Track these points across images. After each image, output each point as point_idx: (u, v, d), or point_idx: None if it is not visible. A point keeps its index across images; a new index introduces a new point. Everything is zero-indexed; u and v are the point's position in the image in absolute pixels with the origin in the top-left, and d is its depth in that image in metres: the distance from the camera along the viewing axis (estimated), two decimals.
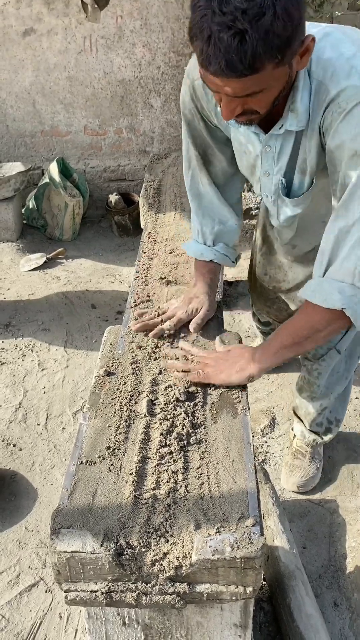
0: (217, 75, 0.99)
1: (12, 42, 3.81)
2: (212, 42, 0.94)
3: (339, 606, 1.57)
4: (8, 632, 1.53)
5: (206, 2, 0.93)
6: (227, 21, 0.91)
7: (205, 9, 0.93)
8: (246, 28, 0.91)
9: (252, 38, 0.91)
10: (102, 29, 3.78)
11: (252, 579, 0.93)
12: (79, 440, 1.13)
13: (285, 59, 0.99)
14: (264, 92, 1.03)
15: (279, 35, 0.93)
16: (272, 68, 0.98)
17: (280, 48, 0.95)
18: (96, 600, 0.95)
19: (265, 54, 0.94)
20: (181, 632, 1.11)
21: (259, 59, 0.94)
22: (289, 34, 0.95)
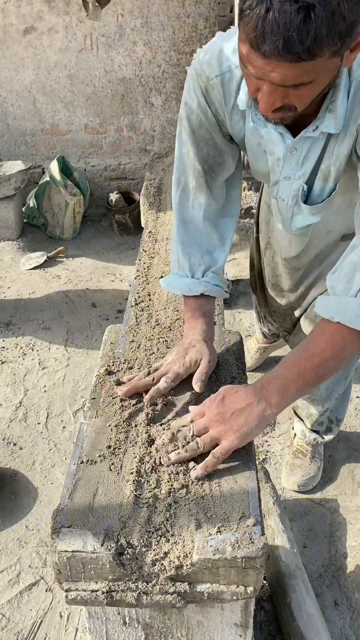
0: (269, 57, 0.86)
1: (12, 40, 3.80)
2: (270, 15, 0.81)
3: (339, 605, 1.56)
4: (8, 631, 1.53)
5: None
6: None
7: None
8: (314, 3, 0.80)
9: (319, 16, 0.81)
10: (103, 27, 3.78)
11: (253, 579, 0.92)
12: (80, 439, 1.12)
13: (343, 48, 0.89)
14: (312, 84, 0.93)
15: (344, 18, 0.83)
16: (329, 56, 0.88)
17: (341, 34, 0.85)
18: (97, 600, 0.95)
19: (327, 38, 0.83)
20: (182, 632, 1.10)
21: (319, 43, 0.83)
22: (353, 19, 0.85)
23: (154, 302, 1.56)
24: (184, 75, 1.24)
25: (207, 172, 1.26)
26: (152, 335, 1.41)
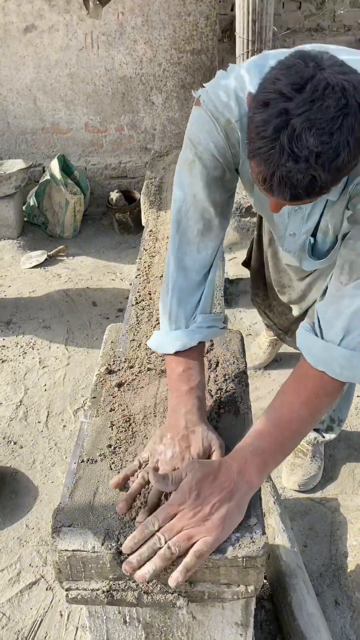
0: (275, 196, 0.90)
1: (13, 38, 3.80)
2: (278, 178, 0.85)
3: (339, 605, 1.56)
4: (9, 629, 1.53)
5: (274, 131, 0.82)
6: (299, 163, 0.82)
7: (274, 142, 0.83)
8: (319, 174, 0.84)
9: (325, 180, 0.85)
10: (104, 26, 3.77)
11: (254, 578, 0.92)
12: (80, 438, 1.12)
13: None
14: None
15: (348, 167, 0.87)
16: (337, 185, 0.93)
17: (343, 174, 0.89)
18: (97, 599, 0.95)
19: (333, 184, 0.88)
20: (182, 631, 1.10)
21: (325, 190, 0.88)
22: (354, 165, 0.89)
23: (155, 301, 1.56)
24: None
25: (217, 215, 1.18)
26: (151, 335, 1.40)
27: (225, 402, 1.21)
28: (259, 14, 3.03)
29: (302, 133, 0.81)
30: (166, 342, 1.18)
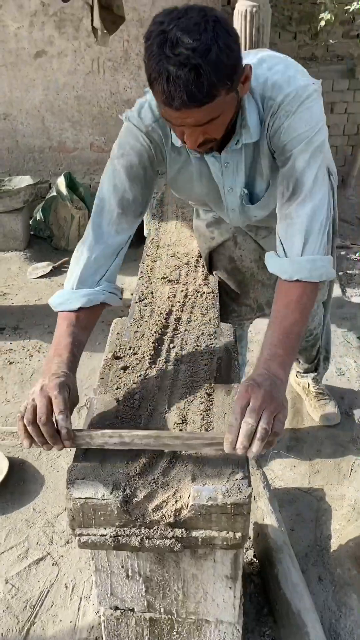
0: (181, 108, 1.12)
1: (24, 63, 4.03)
2: (171, 81, 1.07)
3: (323, 581, 1.70)
4: (18, 599, 1.66)
5: (158, 48, 1.08)
6: (181, 60, 1.06)
7: (159, 55, 1.08)
8: (199, 63, 1.06)
9: (206, 70, 1.07)
10: (110, 52, 4.01)
11: (241, 525, 1.07)
12: (90, 411, 1.28)
13: (234, 85, 1.17)
14: (221, 117, 1.20)
15: (226, 64, 1.10)
16: (225, 94, 1.15)
17: (229, 75, 1.12)
18: (105, 544, 1.09)
19: (218, 82, 1.10)
20: (178, 585, 1.24)
21: (214, 87, 1.10)
22: (233, 63, 1.13)
23: (156, 299, 1.72)
24: None
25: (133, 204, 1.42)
26: (154, 327, 1.57)
27: (220, 385, 1.36)
28: (256, 44, 3.25)
29: (177, 39, 1.06)
30: (72, 299, 1.35)
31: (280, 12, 4.22)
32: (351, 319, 3.06)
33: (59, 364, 1.24)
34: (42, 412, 1.10)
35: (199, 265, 1.93)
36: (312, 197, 1.31)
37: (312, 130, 1.31)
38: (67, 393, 1.16)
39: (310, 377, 2.40)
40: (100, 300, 1.38)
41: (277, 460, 2.16)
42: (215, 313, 1.63)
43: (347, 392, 2.51)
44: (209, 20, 1.09)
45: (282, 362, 1.20)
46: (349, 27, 4.43)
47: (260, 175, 1.48)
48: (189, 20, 1.08)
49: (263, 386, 1.11)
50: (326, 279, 1.34)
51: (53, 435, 1.10)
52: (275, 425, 1.07)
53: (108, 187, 1.42)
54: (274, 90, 1.31)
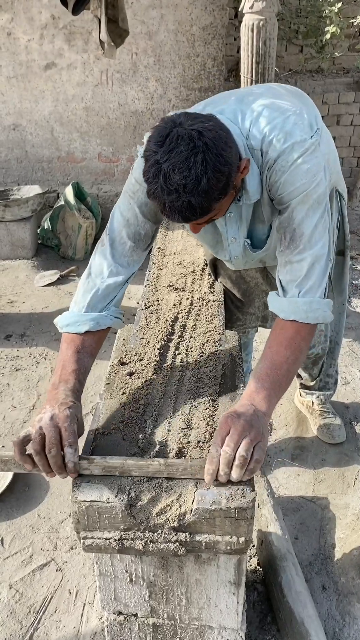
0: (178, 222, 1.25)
1: (34, 74, 4.09)
2: (167, 208, 1.19)
3: (327, 589, 1.69)
4: (22, 604, 1.66)
5: (154, 178, 1.17)
6: (174, 197, 1.16)
7: (156, 184, 1.17)
8: (190, 199, 1.16)
9: (197, 201, 1.17)
10: (118, 64, 4.06)
11: (245, 530, 1.07)
12: (97, 415, 1.29)
13: (227, 193, 1.24)
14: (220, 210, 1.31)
15: (216, 189, 1.18)
16: (220, 201, 1.23)
17: (220, 194, 1.20)
18: (109, 547, 1.10)
19: (210, 204, 1.20)
20: (182, 590, 1.25)
21: (206, 209, 1.20)
22: (223, 183, 1.19)
23: (162, 307, 1.74)
24: None
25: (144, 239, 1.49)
26: (160, 334, 1.58)
27: (224, 392, 1.37)
28: (263, 57, 3.29)
29: (169, 174, 1.15)
30: (80, 322, 1.39)
31: (287, 26, 4.27)
32: (356, 329, 3.07)
33: (66, 393, 1.24)
34: (53, 443, 1.11)
35: (205, 274, 1.95)
36: (311, 246, 1.34)
37: (310, 183, 1.33)
38: (75, 425, 1.17)
39: (315, 395, 2.36)
40: (107, 325, 1.43)
41: (281, 468, 2.16)
42: (220, 320, 1.65)
43: (352, 401, 2.51)
44: (199, 151, 1.15)
45: (266, 396, 1.21)
46: (355, 40, 4.48)
47: (260, 222, 1.54)
48: (179, 155, 1.14)
49: (243, 417, 1.13)
50: (322, 321, 1.36)
51: (60, 466, 1.11)
52: (255, 452, 1.08)
53: (121, 221, 1.47)
54: (270, 146, 1.35)
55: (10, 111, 4.21)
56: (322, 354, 2.18)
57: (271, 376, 1.24)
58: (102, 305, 1.43)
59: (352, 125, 4.48)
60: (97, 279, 1.44)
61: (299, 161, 1.33)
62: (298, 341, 1.32)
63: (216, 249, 1.70)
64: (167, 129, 1.18)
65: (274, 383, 1.24)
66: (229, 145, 1.21)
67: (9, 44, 4.00)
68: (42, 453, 1.11)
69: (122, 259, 1.46)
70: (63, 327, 1.42)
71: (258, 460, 1.09)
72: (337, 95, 4.29)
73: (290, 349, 1.30)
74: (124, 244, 1.46)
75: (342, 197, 1.83)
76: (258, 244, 1.61)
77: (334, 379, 2.33)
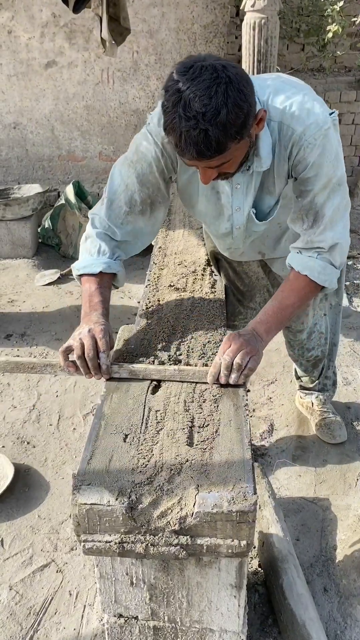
0: (190, 159, 1.25)
1: (34, 73, 4.08)
2: (183, 138, 1.19)
3: (328, 591, 1.68)
4: (22, 605, 1.66)
5: (173, 107, 1.18)
6: (192, 124, 1.16)
7: (174, 113, 1.18)
8: (207, 127, 1.16)
9: (214, 132, 1.17)
10: (119, 63, 4.05)
11: (246, 533, 1.06)
12: (97, 416, 1.28)
13: (244, 135, 1.25)
14: (234, 159, 1.32)
15: (234, 124, 1.19)
16: (235, 144, 1.24)
17: (238, 131, 1.21)
18: (110, 550, 1.09)
19: (227, 139, 1.20)
20: (182, 593, 1.24)
21: (222, 144, 1.20)
22: (242, 120, 1.20)
23: (163, 307, 1.73)
24: None
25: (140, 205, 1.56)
26: (161, 334, 1.57)
27: (226, 396, 1.36)
28: (264, 55, 3.28)
29: (189, 101, 1.16)
30: (95, 264, 1.54)
31: (289, 24, 4.25)
32: (357, 329, 3.06)
33: (98, 316, 1.46)
34: (90, 349, 1.37)
35: (206, 274, 1.94)
36: (333, 227, 1.46)
37: (333, 166, 1.39)
38: (109, 337, 1.41)
39: (314, 396, 2.36)
40: (116, 270, 1.57)
41: (282, 469, 2.15)
42: (222, 321, 1.64)
43: (353, 401, 2.50)
44: (221, 82, 1.16)
45: (268, 328, 1.45)
46: (357, 38, 4.46)
47: (269, 193, 1.56)
48: (202, 84, 1.16)
49: (242, 336, 1.39)
50: (328, 286, 1.52)
51: (97, 367, 1.37)
52: (250, 362, 1.34)
53: (120, 184, 1.55)
54: (293, 120, 1.37)
55: (10, 110, 4.20)
56: (322, 356, 2.17)
57: (277, 314, 1.47)
58: (110, 253, 1.57)
59: (353, 124, 4.47)
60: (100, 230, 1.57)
61: (325, 140, 1.37)
62: (306, 292, 1.51)
63: (218, 220, 1.68)
64: (191, 62, 1.20)
65: (278, 320, 1.47)
66: (250, 86, 1.23)
67: (9, 42, 3.99)
68: (82, 357, 1.37)
69: (116, 220, 1.57)
70: (80, 269, 1.56)
71: (251, 368, 1.35)
72: (339, 93, 4.27)
73: (298, 297, 1.50)
74: (120, 207, 1.56)
75: None
76: (262, 215, 1.63)
77: (332, 381, 2.33)
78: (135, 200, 1.55)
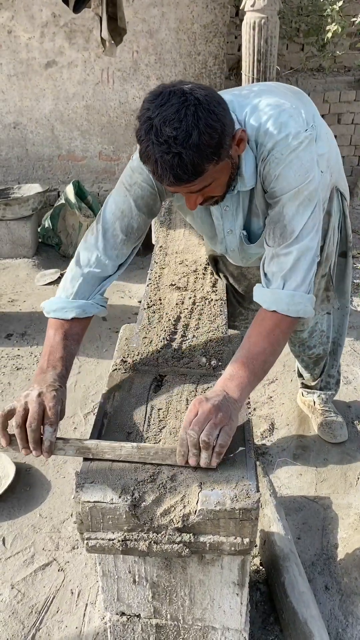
0: (170, 185, 1.23)
1: (34, 72, 4.08)
2: (159, 165, 1.17)
3: (329, 589, 1.69)
4: (24, 604, 1.66)
5: (146, 134, 1.17)
6: (164, 149, 1.15)
7: (147, 140, 1.17)
8: (180, 151, 1.14)
9: (188, 154, 1.15)
10: (119, 63, 4.05)
11: (249, 531, 1.07)
12: (100, 415, 1.28)
13: (222, 157, 1.23)
14: (215, 182, 1.29)
15: (208, 145, 1.16)
16: (213, 166, 1.22)
17: (213, 152, 1.18)
18: (113, 548, 1.09)
19: (202, 161, 1.18)
20: (185, 590, 1.24)
21: (198, 166, 1.18)
22: (216, 141, 1.18)
23: (164, 306, 1.73)
24: None
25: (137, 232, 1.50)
26: (162, 333, 1.57)
27: None
28: (264, 55, 3.28)
29: (160, 127, 1.14)
30: (67, 309, 1.41)
31: (288, 24, 4.25)
32: (358, 328, 3.07)
33: (54, 377, 1.28)
34: (34, 418, 1.15)
35: (207, 273, 1.94)
36: (299, 242, 1.34)
37: (303, 179, 1.34)
38: (59, 407, 1.21)
39: (316, 394, 2.35)
40: (92, 313, 1.46)
41: (283, 468, 2.15)
42: (223, 320, 1.64)
43: (354, 400, 2.51)
44: (190, 104, 1.15)
45: (240, 384, 1.23)
46: (356, 38, 4.46)
47: (256, 215, 1.53)
48: (170, 108, 1.15)
49: (210, 401, 1.15)
50: (303, 315, 1.36)
51: (37, 442, 1.17)
52: (220, 437, 1.11)
53: (115, 212, 1.48)
54: (266, 137, 1.35)
55: (10, 109, 4.20)
56: (324, 354, 2.17)
57: (247, 365, 1.25)
58: (89, 294, 1.46)
59: (353, 123, 4.47)
60: (85, 268, 1.46)
61: (292, 155, 1.33)
62: (277, 334, 1.32)
63: (214, 240, 1.69)
64: (160, 89, 1.21)
65: (249, 373, 1.25)
66: (222, 107, 1.21)
67: (9, 42, 3.99)
68: (23, 427, 1.16)
69: (112, 252, 1.48)
70: (50, 312, 1.44)
71: (222, 444, 1.11)
72: (338, 93, 4.27)
73: (268, 341, 1.30)
74: (116, 236, 1.48)
75: (344, 197, 1.82)
76: (254, 237, 1.60)
77: (336, 379, 2.33)
78: (132, 227, 1.49)
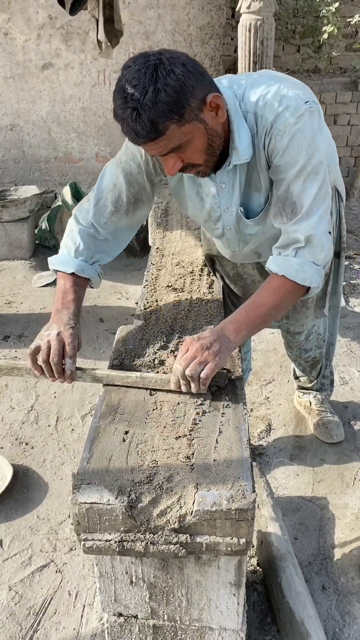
0: (136, 143, 1.29)
1: (31, 75, 4.08)
2: (121, 121, 1.24)
3: (326, 590, 1.69)
4: (21, 606, 1.66)
5: (116, 95, 1.24)
6: (122, 104, 1.22)
7: (115, 101, 1.24)
8: (136, 106, 1.20)
9: (144, 111, 1.20)
10: (116, 64, 4.06)
11: (245, 531, 1.07)
12: (96, 416, 1.29)
13: (186, 117, 1.25)
14: (188, 146, 1.31)
15: (165, 102, 1.20)
16: (177, 127, 1.24)
17: (171, 111, 1.22)
18: (110, 549, 1.10)
19: (161, 118, 1.21)
20: (182, 591, 1.24)
21: (158, 123, 1.22)
22: (174, 99, 1.21)
23: (161, 307, 1.74)
24: None
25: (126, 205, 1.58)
26: (159, 334, 1.58)
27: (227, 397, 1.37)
28: (260, 56, 3.29)
29: (124, 86, 1.21)
30: (70, 264, 1.56)
31: (284, 26, 4.27)
32: (354, 329, 3.07)
33: (69, 316, 1.47)
34: (56, 354, 1.36)
35: (204, 274, 1.95)
36: (309, 216, 1.38)
37: (307, 153, 1.35)
38: (76, 342, 1.42)
39: (312, 395, 2.37)
40: (89, 275, 1.59)
41: (280, 468, 2.16)
42: (219, 321, 1.64)
43: (350, 401, 2.52)
44: (150, 65, 1.21)
45: (237, 328, 1.38)
46: (352, 39, 4.48)
47: (257, 190, 1.52)
48: (133, 69, 1.22)
49: (201, 340, 1.32)
50: (309, 284, 1.42)
51: (61, 372, 1.38)
52: (203, 371, 1.28)
53: (108, 184, 1.58)
54: (265, 109, 1.36)
55: (7, 111, 4.20)
56: (320, 357, 2.19)
57: (249, 314, 1.40)
58: (88, 257, 1.58)
59: (349, 124, 4.48)
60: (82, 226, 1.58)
61: (294, 128, 1.34)
62: (282, 291, 1.41)
63: (208, 223, 1.68)
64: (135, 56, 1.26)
65: (249, 319, 1.39)
66: (187, 69, 1.24)
67: (5, 44, 3.99)
68: (47, 361, 1.37)
69: (100, 219, 1.58)
70: (55, 265, 1.59)
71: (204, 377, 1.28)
72: (334, 94, 4.29)
73: (273, 296, 1.41)
74: (106, 207, 1.57)
75: (341, 198, 1.82)
76: (252, 214, 1.59)
77: (330, 380, 2.34)
78: (122, 200, 1.57)
